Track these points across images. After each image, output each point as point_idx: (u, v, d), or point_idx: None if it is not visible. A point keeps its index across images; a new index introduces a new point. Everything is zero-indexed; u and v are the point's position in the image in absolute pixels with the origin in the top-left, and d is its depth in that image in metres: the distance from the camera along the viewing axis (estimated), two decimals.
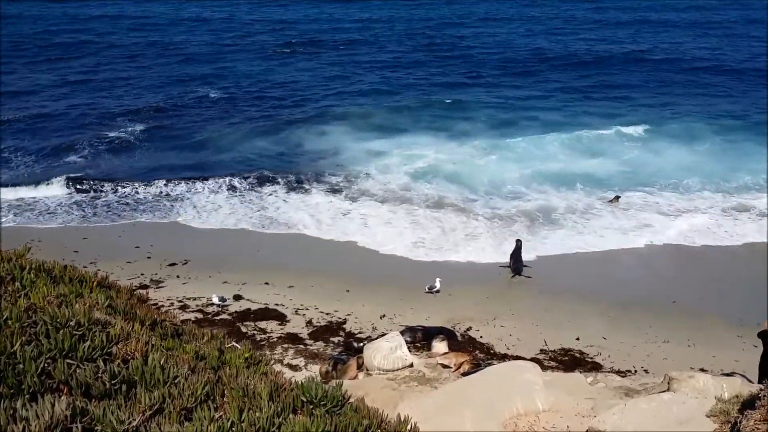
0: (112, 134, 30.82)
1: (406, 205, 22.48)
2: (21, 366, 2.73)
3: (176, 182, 24.64)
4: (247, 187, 24.35)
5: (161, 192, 24.00)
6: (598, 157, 27.42)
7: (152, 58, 49.72)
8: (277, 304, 15.74)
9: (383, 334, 12.66)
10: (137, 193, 24.00)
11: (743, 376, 10.66)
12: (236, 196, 23.66)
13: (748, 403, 5.42)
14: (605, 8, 77.55)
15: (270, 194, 23.71)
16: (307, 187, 24.24)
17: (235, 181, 24.67)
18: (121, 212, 22.44)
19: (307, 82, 41.85)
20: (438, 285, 16.20)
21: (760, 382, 9.45)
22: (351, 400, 3.32)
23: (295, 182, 24.63)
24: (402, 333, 12.49)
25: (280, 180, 24.80)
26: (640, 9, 76.64)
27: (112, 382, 2.85)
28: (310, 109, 35.28)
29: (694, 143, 28.72)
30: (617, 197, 22.61)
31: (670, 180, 24.59)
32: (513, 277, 17.22)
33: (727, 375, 10.91)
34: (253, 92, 39.21)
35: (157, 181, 24.69)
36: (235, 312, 15.43)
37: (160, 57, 50.03)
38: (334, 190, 23.94)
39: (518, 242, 17.71)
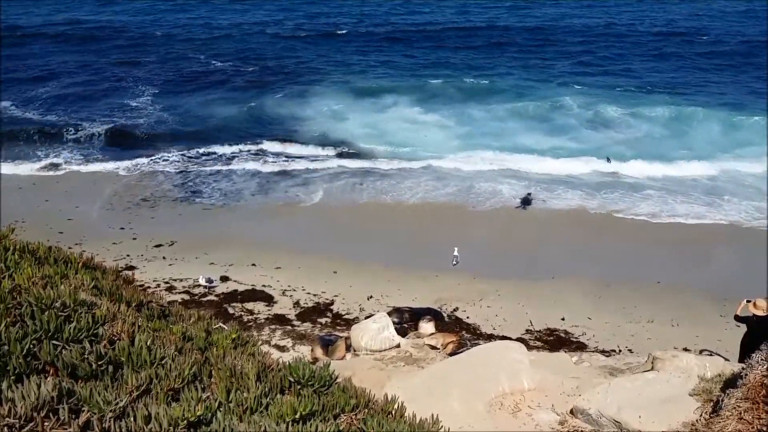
0: (118, 105, 32.28)
1: None
2: (6, 347, 2.70)
3: None
4: None
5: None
6: None
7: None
8: (264, 286, 15.73)
9: (371, 315, 12.71)
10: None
11: (718, 354, 10.80)
12: None
13: (731, 382, 5.50)
14: None
15: None
16: None
17: None
18: None
19: None
20: (456, 253, 16.75)
21: (741, 361, 9.58)
22: (339, 380, 3.33)
23: None
24: (389, 314, 12.54)
25: None
26: None
27: (99, 363, 2.83)
28: None
29: None
30: (608, 159, 23.00)
31: None
32: (520, 207, 20.57)
33: (709, 354, 11.06)
34: None
35: None
36: (222, 293, 15.40)
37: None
38: None
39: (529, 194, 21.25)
